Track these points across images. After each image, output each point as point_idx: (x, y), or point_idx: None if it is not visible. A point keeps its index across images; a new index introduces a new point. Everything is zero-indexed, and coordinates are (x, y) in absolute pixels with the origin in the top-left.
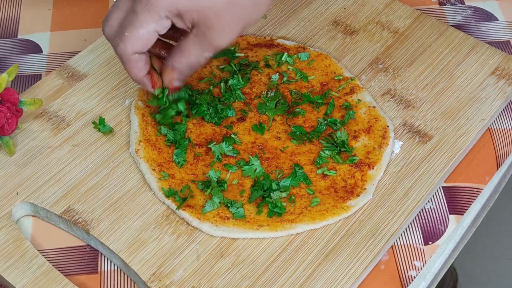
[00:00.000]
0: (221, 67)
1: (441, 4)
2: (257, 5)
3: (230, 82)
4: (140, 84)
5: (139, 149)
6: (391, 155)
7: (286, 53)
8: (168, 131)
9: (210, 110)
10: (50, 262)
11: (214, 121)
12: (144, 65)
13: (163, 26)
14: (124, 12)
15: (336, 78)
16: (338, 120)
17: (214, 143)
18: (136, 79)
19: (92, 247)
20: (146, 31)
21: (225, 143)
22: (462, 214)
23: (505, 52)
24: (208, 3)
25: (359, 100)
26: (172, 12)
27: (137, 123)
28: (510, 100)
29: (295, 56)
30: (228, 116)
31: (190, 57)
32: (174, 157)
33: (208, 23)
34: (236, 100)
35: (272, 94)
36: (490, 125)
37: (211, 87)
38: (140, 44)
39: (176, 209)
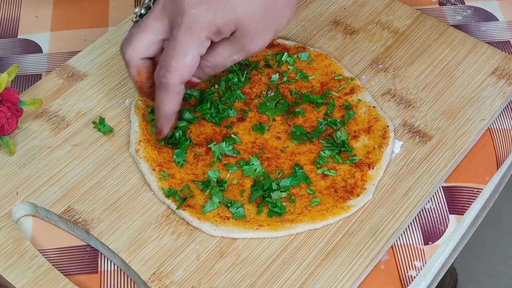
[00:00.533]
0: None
1: (441, 4)
2: (287, 5)
3: (230, 81)
4: (167, 120)
5: (139, 149)
6: (391, 155)
7: (286, 53)
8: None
9: (212, 110)
10: (50, 262)
11: (214, 121)
12: (181, 99)
13: (204, 47)
14: (155, 35)
15: (336, 78)
16: (338, 120)
17: (214, 143)
18: (169, 114)
19: (92, 247)
20: (192, 57)
21: (225, 143)
22: (462, 214)
23: (505, 52)
24: (243, 10)
25: (359, 100)
26: (211, 31)
27: (137, 123)
28: (510, 100)
29: (295, 56)
30: (229, 116)
31: (217, 57)
32: (174, 157)
33: (244, 29)
34: (236, 100)
35: (272, 94)
36: (490, 125)
37: (212, 88)
38: (187, 71)
39: (176, 209)
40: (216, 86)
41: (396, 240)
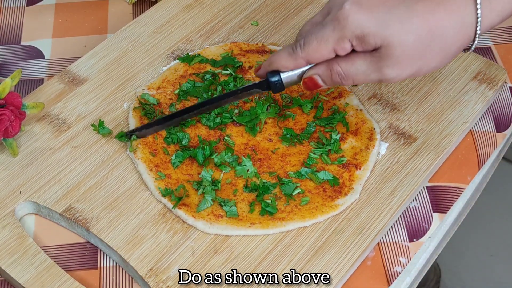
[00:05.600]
0: (216, 71)
1: None
2: (441, 52)
3: (226, 86)
4: (265, 68)
5: (136, 150)
6: (378, 156)
7: None
8: (185, 134)
9: (211, 115)
10: (51, 258)
11: (209, 125)
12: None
13: (343, 48)
14: (321, 17)
15: None
16: (327, 122)
17: (216, 153)
18: (274, 63)
19: (92, 244)
20: (326, 46)
21: (225, 152)
22: (445, 213)
23: (487, 58)
24: (396, 31)
25: (346, 103)
26: (356, 33)
27: (134, 126)
28: (491, 104)
29: None
30: (224, 123)
31: (351, 66)
32: (174, 156)
33: (389, 50)
34: (230, 104)
35: (264, 98)
36: (472, 128)
37: (209, 92)
38: (316, 56)
39: (172, 207)
40: (213, 91)
41: (382, 237)
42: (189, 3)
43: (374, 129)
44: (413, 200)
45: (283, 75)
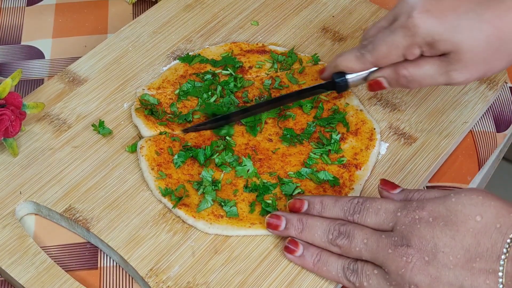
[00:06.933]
0: (216, 72)
1: None
2: (509, 59)
3: (226, 86)
4: (330, 69)
5: (143, 146)
6: (378, 156)
7: (278, 56)
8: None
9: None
10: (52, 258)
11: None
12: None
13: (412, 53)
14: (387, 22)
15: None
16: (327, 122)
17: (217, 154)
18: (337, 64)
19: (92, 244)
20: (395, 53)
21: (225, 153)
22: None
23: None
24: (467, 36)
25: (347, 103)
26: (426, 40)
27: (143, 124)
28: (491, 104)
29: (287, 61)
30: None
31: (418, 70)
32: (176, 156)
33: (459, 55)
34: (231, 104)
35: (264, 98)
36: (472, 128)
37: (209, 92)
38: (384, 61)
39: (172, 207)
40: (210, 93)
41: None
42: (189, 3)
43: (374, 129)
44: None
45: (348, 77)
